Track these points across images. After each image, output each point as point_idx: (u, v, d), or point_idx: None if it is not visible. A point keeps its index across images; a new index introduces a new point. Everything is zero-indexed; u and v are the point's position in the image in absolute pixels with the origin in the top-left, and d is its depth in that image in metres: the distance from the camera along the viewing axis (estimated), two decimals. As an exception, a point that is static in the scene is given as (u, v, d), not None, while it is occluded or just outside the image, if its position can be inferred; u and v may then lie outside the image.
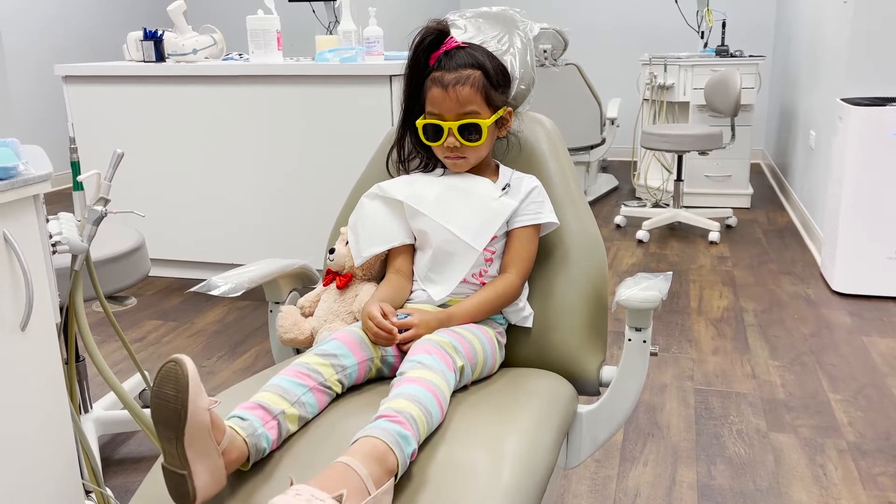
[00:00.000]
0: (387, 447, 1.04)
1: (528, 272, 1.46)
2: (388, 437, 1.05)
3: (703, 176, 4.84)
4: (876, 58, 3.33)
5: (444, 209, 1.42)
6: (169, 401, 1.00)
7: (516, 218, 1.44)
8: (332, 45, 3.29)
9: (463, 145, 1.42)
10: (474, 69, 1.40)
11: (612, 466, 2.03)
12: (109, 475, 2.03)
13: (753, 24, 6.13)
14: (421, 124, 1.44)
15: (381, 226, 1.46)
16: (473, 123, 1.40)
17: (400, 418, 1.08)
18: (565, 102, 4.64)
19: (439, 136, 1.42)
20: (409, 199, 1.45)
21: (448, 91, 1.39)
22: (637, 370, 1.40)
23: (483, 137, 1.42)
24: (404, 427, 1.07)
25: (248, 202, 3.39)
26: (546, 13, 6.51)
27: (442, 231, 1.41)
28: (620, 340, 2.80)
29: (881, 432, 2.17)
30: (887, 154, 3.09)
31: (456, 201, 1.43)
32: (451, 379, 1.22)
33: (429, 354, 1.22)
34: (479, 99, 1.40)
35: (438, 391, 1.16)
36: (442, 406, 1.16)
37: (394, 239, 1.46)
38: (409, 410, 1.10)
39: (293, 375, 1.20)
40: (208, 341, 2.89)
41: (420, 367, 1.20)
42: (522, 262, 1.44)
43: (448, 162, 1.47)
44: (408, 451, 1.07)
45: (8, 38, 5.27)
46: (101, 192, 1.50)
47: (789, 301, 3.19)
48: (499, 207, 1.43)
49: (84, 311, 1.54)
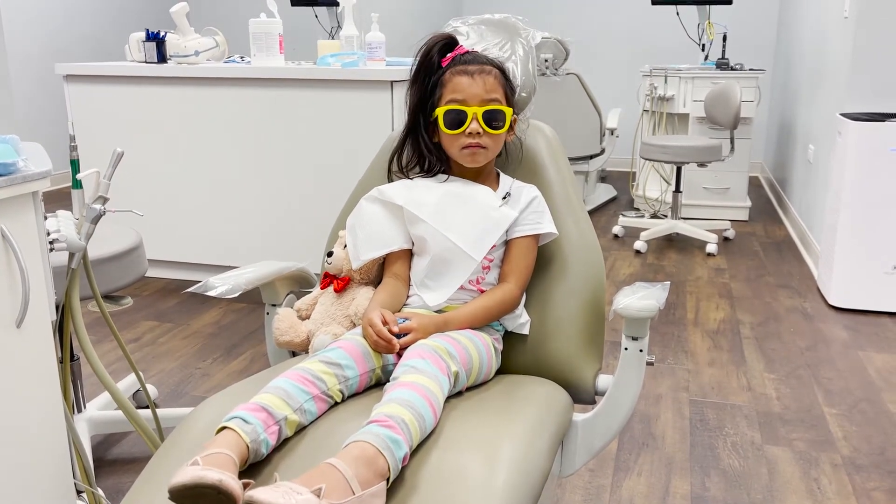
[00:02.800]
0: (376, 451, 1.04)
1: (527, 282, 1.46)
2: (377, 441, 1.05)
3: (701, 188, 4.85)
4: (876, 73, 3.34)
5: (443, 217, 1.42)
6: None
7: (516, 227, 1.44)
8: (334, 49, 3.30)
9: (485, 132, 1.41)
10: (493, 66, 1.45)
11: (607, 476, 2.03)
12: (102, 475, 2.03)
13: (754, 37, 6.15)
14: (442, 111, 1.42)
15: (379, 229, 1.46)
16: (498, 110, 1.41)
17: (391, 422, 1.08)
18: (565, 112, 4.65)
19: (462, 123, 1.41)
20: (408, 204, 1.44)
21: (475, 77, 1.41)
22: (633, 379, 1.40)
23: (505, 126, 1.43)
24: (395, 431, 1.07)
25: (246, 204, 3.39)
26: (548, 22, 6.53)
27: (441, 239, 1.41)
28: (617, 350, 2.80)
29: (876, 447, 2.17)
30: (885, 169, 3.10)
31: (456, 209, 1.43)
32: (445, 383, 1.22)
33: (422, 359, 1.22)
34: (502, 92, 1.43)
35: (431, 395, 1.16)
36: (435, 410, 1.16)
37: (392, 243, 1.45)
38: (401, 415, 1.09)
39: (297, 380, 1.19)
40: (204, 343, 2.88)
41: (413, 371, 1.19)
42: (521, 273, 1.44)
43: (465, 154, 1.43)
44: (399, 454, 1.06)
45: (11, 37, 5.27)
46: (100, 191, 1.50)
47: (786, 314, 3.19)
48: (499, 217, 1.42)
49: (80, 310, 1.53)
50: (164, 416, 2.10)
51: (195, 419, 1.25)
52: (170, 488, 0.99)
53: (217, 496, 0.98)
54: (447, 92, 1.43)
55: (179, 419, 2.08)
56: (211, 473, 0.98)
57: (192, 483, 0.98)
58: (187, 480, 0.98)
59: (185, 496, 0.99)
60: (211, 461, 1.03)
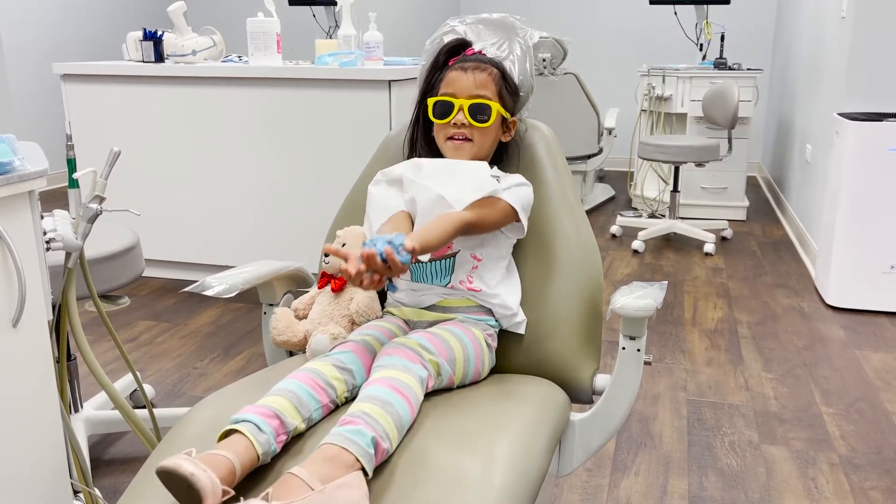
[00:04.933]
0: (337, 448, 1.06)
1: (478, 224, 1.38)
2: (337, 439, 1.07)
3: (699, 187, 4.85)
4: (873, 73, 3.34)
5: (434, 177, 1.43)
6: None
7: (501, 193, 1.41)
8: (332, 49, 3.29)
9: (470, 125, 1.43)
10: (494, 67, 1.47)
11: (604, 476, 2.03)
12: (98, 475, 2.02)
13: (752, 37, 6.15)
14: (432, 101, 1.46)
15: (387, 203, 1.47)
16: (485, 104, 1.43)
17: (349, 419, 1.10)
18: (563, 111, 4.65)
19: (448, 113, 1.44)
20: (407, 170, 1.46)
21: (466, 72, 1.45)
22: (631, 379, 1.40)
23: (491, 120, 1.44)
24: (353, 424, 1.09)
25: (244, 204, 3.38)
26: (546, 22, 6.54)
27: (428, 192, 1.40)
28: (614, 349, 2.80)
29: (873, 446, 2.17)
30: (883, 169, 3.10)
31: (448, 173, 1.44)
32: (419, 370, 1.23)
33: (390, 356, 1.24)
34: (494, 90, 1.45)
35: (395, 381, 1.18)
36: (402, 392, 1.17)
37: (397, 208, 1.45)
38: (360, 408, 1.12)
39: (310, 385, 1.20)
40: (201, 343, 2.88)
41: (379, 368, 1.22)
42: (478, 212, 1.37)
43: (449, 146, 1.46)
44: (364, 441, 1.07)
45: (7, 36, 5.26)
46: (97, 190, 1.50)
47: (783, 314, 3.20)
48: (486, 183, 1.41)
49: (77, 310, 1.53)
50: (161, 416, 2.10)
51: (192, 419, 1.25)
52: (157, 468, 1.03)
53: (188, 490, 1.01)
54: (442, 86, 1.47)
55: (176, 419, 2.07)
56: (187, 466, 1.00)
57: (168, 469, 1.01)
58: (166, 465, 1.01)
59: (165, 479, 1.03)
60: (206, 459, 1.04)
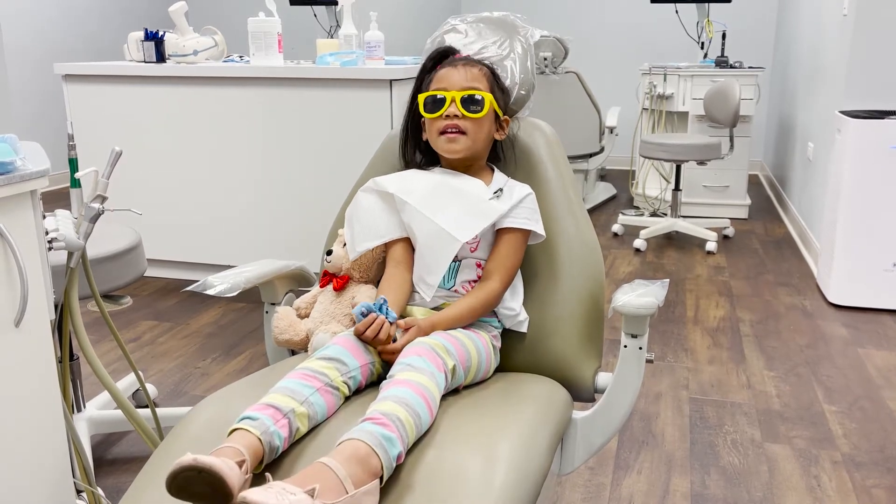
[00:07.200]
0: (369, 449, 1.04)
1: (511, 280, 1.44)
2: (370, 439, 1.05)
3: (701, 186, 4.85)
4: (875, 71, 3.34)
5: (431, 203, 1.42)
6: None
7: (506, 219, 1.43)
8: (333, 48, 3.29)
9: (463, 116, 1.42)
10: (483, 66, 1.48)
11: (606, 474, 2.03)
12: (101, 475, 2.02)
13: (753, 35, 6.15)
14: (423, 97, 1.45)
15: (374, 221, 1.46)
16: (477, 95, 1.42)
17: (385, 420, 1.08)
18: (565, 110, 4.65)
19: (440, 107, 1.43)
20: (399, 191, 1.45)
21: (458, 67, 1.44)
22: (633, 377, 1.40)
23: (484, 110, 1.43)
24: (388, 429, 1.07)
25: (245, 204, 3.39)
26: (547, 21, 6.53)
27: (426, 222, 1.41)
28: (616, 348, 2.80)
29: (876, 444, 2.17)
30: (885, 167, 3.09)
31: (444, 196, 1.43)
32: (441, 380, 1.22)
33: (419, 356, 1.22)
34: (486, 84, 1.45)
35: (427, 392, 1.16)
36: (431, 408, 1.16)
37: (386, 234, 1.46)
38: (396, 413, 1.09)
39: (299, 378, 1.19)
40: (203, 342, 2.88)
41: (409, 369, 1.19)
42: (506, 270, 1.43)
43: (443, 141, 1.44)
44: (393, 453, 1.06)
45: (9, 36, 5.26)
46: (99, 190, 1.50)
47: (785, 312, 3.19)
48: (488, 210, 1.41)
49: (79, 310, 1.53)
50: (164, 416, 2.10)
51: (194, 418, 1.25)
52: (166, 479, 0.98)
53: (210, 485, 0.96)
54: (433, 84, 1.46)
55: (179, 418, 2.07)
56: (204, 457, 0.97)
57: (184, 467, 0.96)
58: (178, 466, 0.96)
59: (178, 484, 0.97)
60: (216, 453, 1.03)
